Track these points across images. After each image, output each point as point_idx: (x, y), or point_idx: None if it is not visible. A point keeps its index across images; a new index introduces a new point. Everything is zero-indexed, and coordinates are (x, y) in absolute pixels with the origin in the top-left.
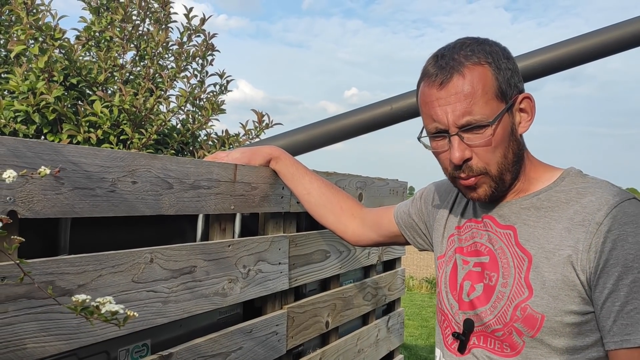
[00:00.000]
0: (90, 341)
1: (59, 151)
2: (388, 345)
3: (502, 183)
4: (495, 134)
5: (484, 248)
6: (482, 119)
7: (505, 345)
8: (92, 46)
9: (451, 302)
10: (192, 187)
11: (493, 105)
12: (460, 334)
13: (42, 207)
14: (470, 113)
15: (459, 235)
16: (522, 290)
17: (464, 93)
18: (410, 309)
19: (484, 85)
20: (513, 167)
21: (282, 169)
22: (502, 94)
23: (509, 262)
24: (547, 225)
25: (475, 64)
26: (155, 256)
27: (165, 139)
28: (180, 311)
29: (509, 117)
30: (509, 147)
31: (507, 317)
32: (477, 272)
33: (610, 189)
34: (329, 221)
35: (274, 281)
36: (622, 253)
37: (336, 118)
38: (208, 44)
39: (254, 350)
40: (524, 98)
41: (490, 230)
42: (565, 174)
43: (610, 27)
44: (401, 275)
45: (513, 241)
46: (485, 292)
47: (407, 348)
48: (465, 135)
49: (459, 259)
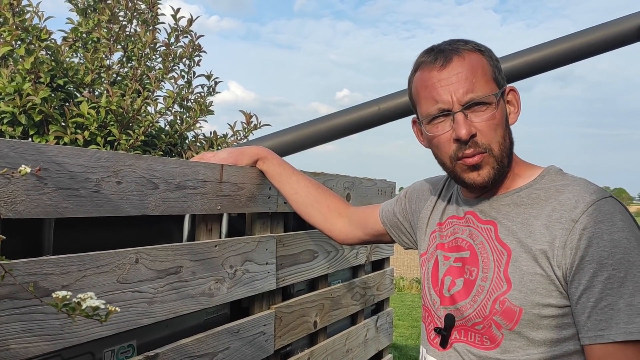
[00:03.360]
0: (75, 342)
1: (42, 151)
2: (377, 345)
3: (502, 166)
4: (496, 114)
5: (464, 243)
6: (485, 96)
7: (485, 338)
8: (79, 47)
9: (433, 297)
10: (178, 187)
11: (492, 86)
12: (441, 329)
13: (25, 208)
14: (472, 91)
15: (440, 231)
16: (501, 283)
17: (465, 73)
18: (401, 309)
19: (482, 67)
20: (509, 154)
21: (269, 169)
22: (496, 79)
23: (488, 256)
24: (526, 221)
25: (471, 51)
26: (141, 256)
27: (153, 140)
28: (166, 311)
29: (503, 104)
30: (506, 131)
31: (487, 310)
32: (458, 267)
33: (587, 187)
34: (316, 220)
35: (261, 281)
36: (597, 250)
37: (324, 118)
38: (195, 44)
39: (241, 350)
40: (510, 90)
41: (472, 226)
42: (545, 172)
43: (595, 27)
44: (390, 275)
45: (493, 236)
46: (465, 287)
47: (397, 348)
48: (469, 113)
49: (440, 254)
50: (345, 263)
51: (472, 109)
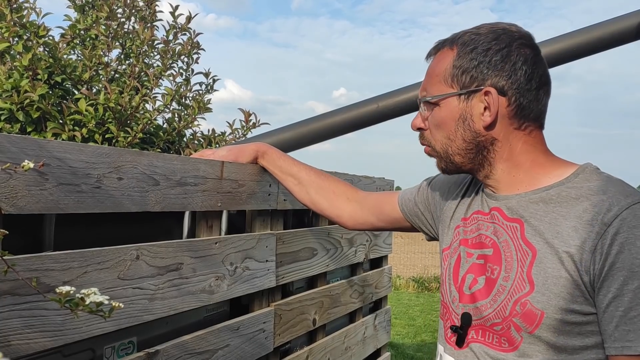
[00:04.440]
0: (76, 338)
1: (43, 146)
2: (375, 342)
3: (451, 163)
4: (434, 114)
5: (488, 240)
6: (431, 97)
7: (504, 339)
8: (77, 44)
9: (453, 294)
10: (179, 183)
11: (440, 88)
12: (458, 327)
13: (26, 203)
14: (425, 89)
15: (464, 226)
16: (524, 285)
17: (428, 72)
18: (397, 308)
19: (440, 67)
20: (467, 153)
21: (270, 164)
22: (453, 79)
23: (512, 255)
24: (555, 221)
25: (448, 50)
26: (142, 253)
27: (151, 137)
28: (166, 308)
29: (459, 104)
30: (456, 132)
31: (507, 311)
32: (480, 265)
33: (624, 188)
34: (322, 207)
35: (261, 279)
36: (629, 257)
37: (323, 116)
38: (193, 42)
39: (241, 347)
40: (486, 92)
41: (497, 223)
42: (580, 170)
43: (592, 26)
44: (388, 273)
45: (519, 234)
46: (486, 286)
47: (394, 347)
48: (423, 108)
49: (462, 251)
50: (345, 261)
51: (426, 105)
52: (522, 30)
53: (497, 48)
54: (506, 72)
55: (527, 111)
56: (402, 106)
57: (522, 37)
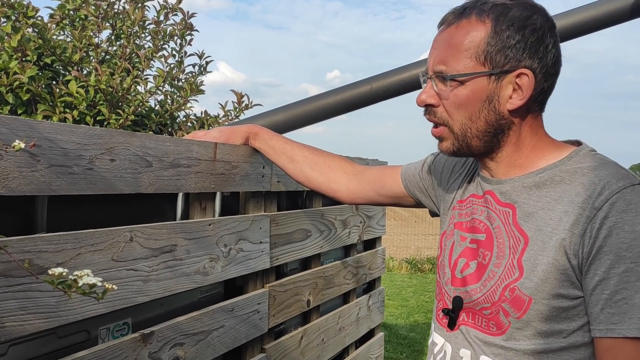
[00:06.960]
0: (70, 319)
1: (34, 127)
2: (369, 323)
3: (466, 146)
4: (456, 92)
5: (481, 225)
6: (455, 74)
7: (492, 323)
8: (67, 25)
9: (447, 277)
10: (172, 165)
11: (467, 65)
12: (449, 310)
13: (17, 185)
14: (444, 63)
15: (460, 209)
16: (514, 271)
17: (448, 42)
18: (391, 289)
19: (469, 42)
20: (485, 136)
21: (262, 144)
22: (486, 58)
23: (504, 242)
24: (547, 205)
25: (477, 21)
26: (135, 235)
27: (143, 120)
28: (161, 290)
29: (488, 84)
30: (480, 113)
31: (496, 296)
32: (473, 249)
33: (616, 171)
34: (318, 182)
35: (255, 260)
36: (617, 241)
37: (316, 98)
38: (187, 23)
39: (236, 328)
40: (521, 73)
41: (490, 207)
42: (574, 152)
43: (586, 6)
44: (381, 255)
45: (511, 220)
46: (477, 270)
47: (387, 327)
48: (438, 83)
49: (457, 234)
50: (338, 242)
51: (441, 80)
52: (543, 7)
53: (533, 28)
54: (539, 55)
55: (546, 95)
56: (395, 87)
57: (548, 17)
